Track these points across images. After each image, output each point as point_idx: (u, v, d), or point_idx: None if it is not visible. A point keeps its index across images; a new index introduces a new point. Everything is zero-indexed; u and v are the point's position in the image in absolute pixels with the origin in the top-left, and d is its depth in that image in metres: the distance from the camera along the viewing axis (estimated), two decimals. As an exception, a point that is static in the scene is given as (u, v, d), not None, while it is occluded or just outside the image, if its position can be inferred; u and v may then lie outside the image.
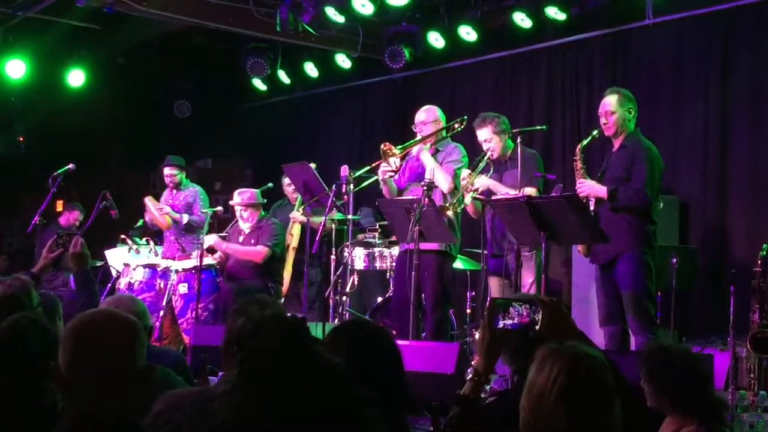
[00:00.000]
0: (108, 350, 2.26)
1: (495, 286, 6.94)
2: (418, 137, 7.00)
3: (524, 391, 2.37)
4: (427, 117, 7.09)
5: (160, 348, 6.03)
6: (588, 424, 2.29)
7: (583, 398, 2.29)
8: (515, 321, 2.85)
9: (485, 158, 6.75)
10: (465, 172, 6.75)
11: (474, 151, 7.07)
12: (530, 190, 6.48)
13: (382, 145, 6.91)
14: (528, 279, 6.70)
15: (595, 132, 6.19)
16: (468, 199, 6.66)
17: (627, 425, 2.40)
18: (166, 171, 9.12)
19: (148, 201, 9.06)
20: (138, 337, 2.36)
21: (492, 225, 6.81)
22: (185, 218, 8.86)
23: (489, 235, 6.89)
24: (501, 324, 2.85)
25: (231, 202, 8.55)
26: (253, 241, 8.33)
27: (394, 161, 6.88)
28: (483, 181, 6.69)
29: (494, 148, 6.78)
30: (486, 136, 6.80)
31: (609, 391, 2.34)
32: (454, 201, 6.57)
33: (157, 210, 8.88)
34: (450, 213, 6.55)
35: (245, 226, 8.42)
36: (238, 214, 8.49)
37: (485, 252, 6.93)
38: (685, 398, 3.19)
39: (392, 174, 6.93)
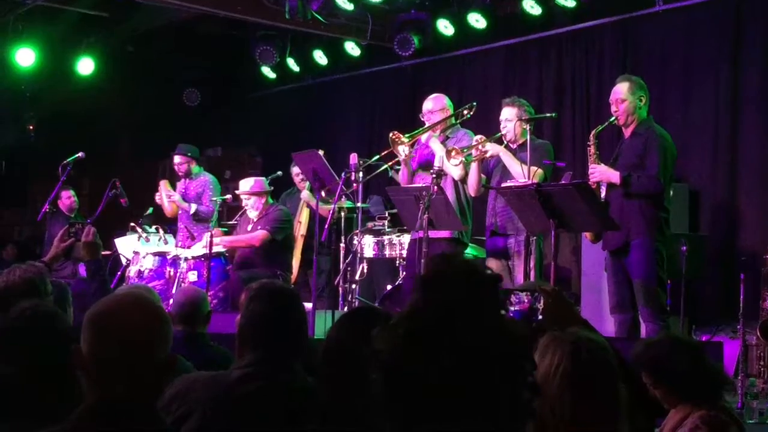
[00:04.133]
0: (129, 335, 2.24)
1: (494, 269, 6.85)
2: (427, 125, 6.98)
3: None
4: (434, 105, 7.07)
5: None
6: (593, 408, 2.29)
7: (586, 382, 2.29)
8: (516, 308, 2.85)
9: (500, 136, 6.73)
10: (479, 135, 6.72)
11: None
12: (537, 171, 6.43)
13: (390, 134, 6.90)
14: (531, 263, 6.66)
15: (612, 118, 6.17)
16: (476, 154, 6.61)
17: (633, 409, 2.40)
18: (175, 160, 9.11)
19: (162, 185, 9.05)
20: (163, 325, 2.33)
21: (494, 205, 6.76)
22: (193, 208, 8.85)
23: (490, 217, 6.81)
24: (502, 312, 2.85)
25: (237, 192, 8.55)
26: (260, 228, 8.34)
27: (403, 149, 6.87)
28: (495, 147, 6.64)
29: (510, 129, 6.73)
30: (508, 116, 6.74)
31: (612, 374, 2.34)
32: (464, 153, 6.55)
33: (167, 196, 8.88)
34: (455, 158, 6.50)
35: (253, 215, 8.43)
36: (244, 203, 8.50)
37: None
38: (684, 381, 3.19)
39: (410, 153, 6.90)
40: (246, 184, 8.42)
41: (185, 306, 4.49)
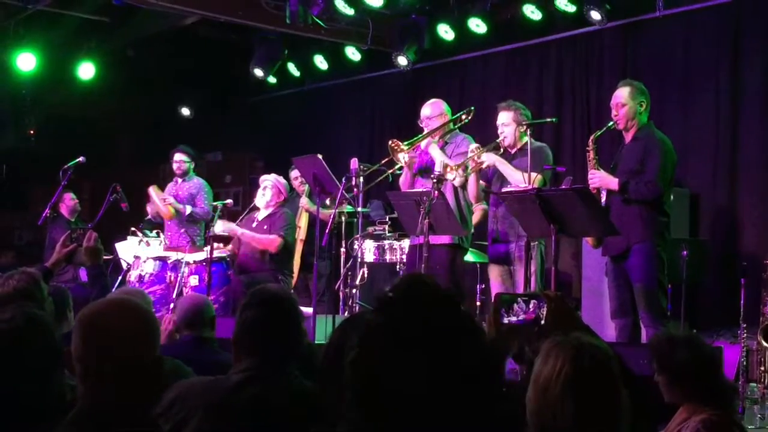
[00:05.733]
0: (114, 339, 2.24)
1: (496, 275, 6.86)
2: (426, 131, 6.98)
3: (530, 384, 2.37)
4: (433, 111, 7.06)
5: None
6: (594, 414, 2.29)
7: (588, 388, 2.29)
8: (519, 317, 2.83)
9: (497, 143, 6.73)
10: (474, 145, 6.71)
11: (483, 141, 7.04)
12: (537, 176, 6.43)
13: (389, 142, 6.90)
14: (532, 268, 6.66)
15: (611, 123, 6.17)
16: (472, 165, 6.60)
17: (635, 415, 2.40)
18: (176, 157, 9.03)
19: (152, 191, 9.05)
20: (148, 327, 2.34)
21: (495, 212, 6.77)
22: (188, 209, 8.85)
23: (492, 223, 6.82)
24: (506, 320, 2.84)
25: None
26: (266, 227, 8.30)
27: (403, 156, 6.86)
28: (491, 157, 6.64)
29: (508, 134, 6.74)
30: (505, 120, 6.75)
31: (614, 380, 2.34)
32: (460, 166, 6.54)
33: (160, 200, 8.88)
34: (451, 174, 6.50)
35: (262, 214, 8.38)
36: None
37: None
38: (696, 384, 3.20)
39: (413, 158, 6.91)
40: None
41: (189, 312, 4.51)
